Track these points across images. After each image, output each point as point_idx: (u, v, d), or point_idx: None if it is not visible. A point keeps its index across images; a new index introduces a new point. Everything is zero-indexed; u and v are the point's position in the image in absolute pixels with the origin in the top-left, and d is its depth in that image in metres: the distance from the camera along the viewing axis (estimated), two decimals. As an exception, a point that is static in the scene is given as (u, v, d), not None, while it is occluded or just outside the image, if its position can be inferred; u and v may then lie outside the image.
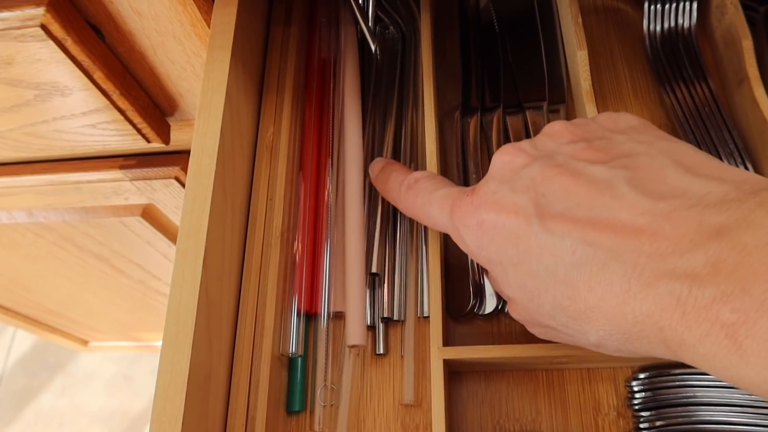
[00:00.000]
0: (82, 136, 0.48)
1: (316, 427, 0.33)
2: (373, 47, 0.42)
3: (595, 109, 0.35)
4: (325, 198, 0.37)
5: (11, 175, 0.55)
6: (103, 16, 0.38)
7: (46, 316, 1.07)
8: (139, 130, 0.46)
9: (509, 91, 0.39)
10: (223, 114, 0.32)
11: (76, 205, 0.60)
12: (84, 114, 0.44)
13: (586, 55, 0.36)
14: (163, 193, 0.56)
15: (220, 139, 0.32)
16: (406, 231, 0.36)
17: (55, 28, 0.35)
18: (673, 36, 0.42)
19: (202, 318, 0.29)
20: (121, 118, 0.44)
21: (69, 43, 0.36)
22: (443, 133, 0.40)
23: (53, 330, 1.14)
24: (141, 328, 1.19)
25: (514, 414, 0.33)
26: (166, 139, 0.49)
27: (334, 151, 0.39)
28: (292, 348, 0.34)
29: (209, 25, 0.36)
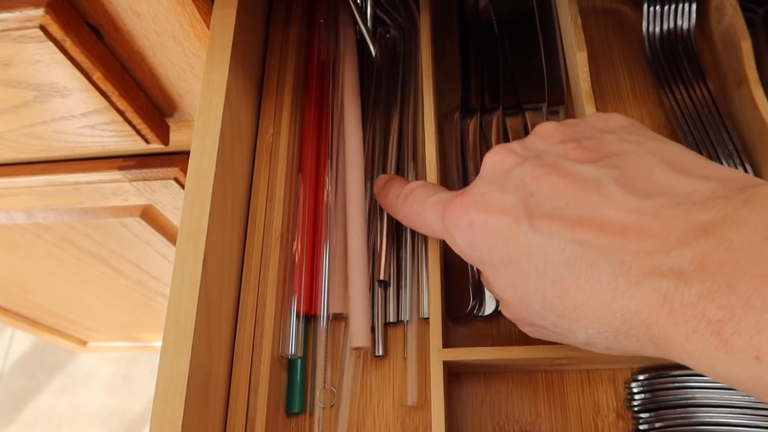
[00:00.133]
0: (81, 137, 0.48)
1: (316, 428, 0.33)
2: (373, 51, 0.42)
3: (594, 111, 0.35)
4: (325, 199, 0.37)
5: (10, 176, 0.55)
6: (102, 17, 0.38)
7: (45, 317, 1.07)
8: (138, 131, 0.46)
9: (509, 93, 0.39)
10: (222, 115, 0.32)
11: (75, 205, 0.60)
12: (83, 115, 0.44)
13: (586, 56, 0.36)
14: (162, 193, 0.56)
15: (219, 141, 0.32)
16: (407, 234, 0.36)
17: (54, 29, 0.35)
18: (672, 37, 0.42)
19: (202, 320, 0.29)
20: (120, 119, 0.44)
21: (68, 44, 0.36)
22: (443, 135, 0.40)
23: (52, 330, 1.14)
24: (140, 329, 1.19)
25: (514, 415, 0.34)
26: (166, 140, 0.49)
27: (334, 152, 0.39)
28: (292, 349, 0.34)
29: (208, 26, 0.36)
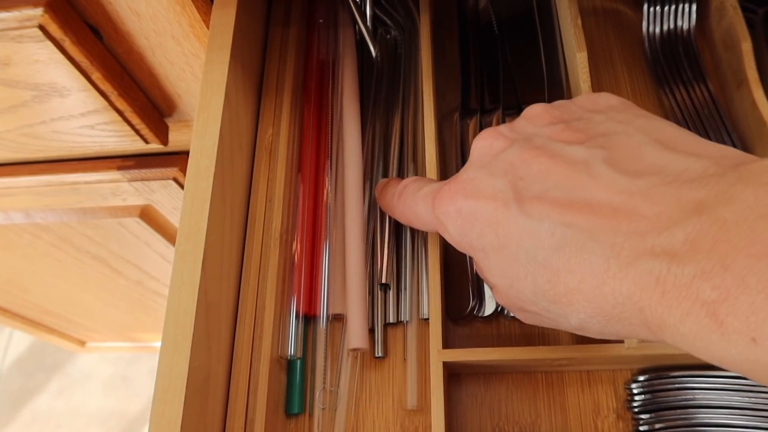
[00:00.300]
0: (80, 137, 0.48)
1: (315, 429, 0.33)
2: (373, 52, 0.42)
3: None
4: (324, 199, 0.37)
5: (8, 175, 0.55)
6: (102, 17, 0.38)
7: (44, 317, 1.07)
8: (137, 131, 0.46)
9: (508, 93, 0.39)
10: (222, 115, 0.32)
11: (73, 206, 0.60)
12: (82, 115, 0.44)
13: (586, 56, 0.36)
14: (161, 194, 0.56)
15: (219, 141, 0.32)
16: (407, 235, 0.36)
17: (53, 28, 0.35)
18: (673, 38, 0.42)
19: (201, 320, 0.29)
20: (119, 118, 0.44)
21: (67, 43, 0.36)
22: (443, 135, 0.40)
23: (50, 331, 1.14)
24: (138, 329, 1.19)
25: (514, 416, 0.33)
26: (165, 140, 0.49)
27: (333, 152, 0.39)
28: (291, 350, 0.34)
29: (208, 26, 0.36)
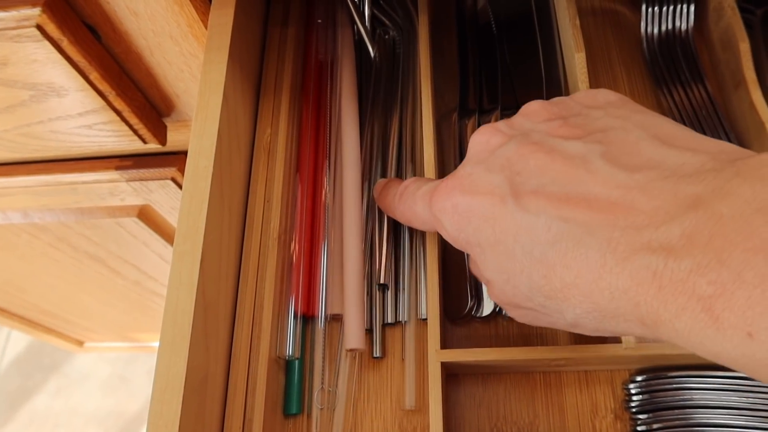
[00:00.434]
0: (77, 136, 0.47)
1: (314, 429, 0.33)
2: (372, 52, 0.42)
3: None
4: (323, 199, 0.37)
5: (6, 175, 0.54)
6: (100, 17, 0.38)
7: (42, 317, 1.07)
8: (135, 131, 0.46)
9: (507, 93, 0.39)
10: (220, 116, 0.32)
11: (71, 205, 0.60)
12: (80, 115, 0.44)
13: (584, 57, 0.36)
14: (160, 194, 0.56)
15: (217, 141, 0.32)
16: (406, 235, 0.36)
17: (51, 28, 0.35)
18: (671, 38, 0.42)
19: (199, 321, 0.29)
20: (117, 118, 0.44)
21: (65, 43, 0.36)
22: (441, 135, 0.40)
23: (48, 331, 1.14)
24: (136, 329, 1.19)
25: (512, 416, 0.33)
26: (163, 140, 0.49)
27: (332, 152, 0.39)
28: (289, 350, 0.34)
29: (206, 26, 0.36)
